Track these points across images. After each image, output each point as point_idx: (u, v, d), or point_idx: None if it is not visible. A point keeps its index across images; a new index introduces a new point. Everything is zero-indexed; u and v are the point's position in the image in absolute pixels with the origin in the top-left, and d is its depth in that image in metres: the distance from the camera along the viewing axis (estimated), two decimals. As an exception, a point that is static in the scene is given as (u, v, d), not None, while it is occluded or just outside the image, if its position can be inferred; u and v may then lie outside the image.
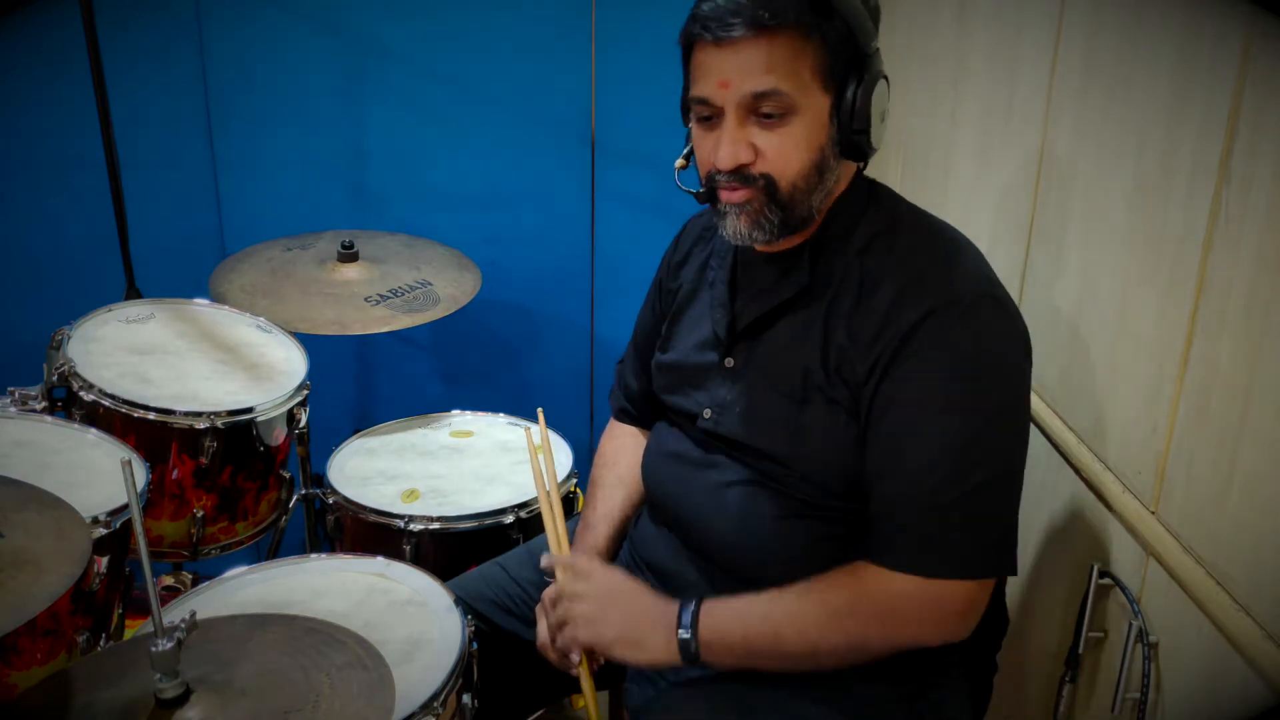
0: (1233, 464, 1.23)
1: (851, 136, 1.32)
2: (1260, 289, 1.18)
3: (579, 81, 2.62)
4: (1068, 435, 1.59)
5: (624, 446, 1.69)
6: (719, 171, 1.33)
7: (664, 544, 1.52)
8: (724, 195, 1.34)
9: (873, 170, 1.43)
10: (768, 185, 1.32)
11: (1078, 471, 1.56)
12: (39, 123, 2.48)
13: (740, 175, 1.32)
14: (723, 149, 1.31)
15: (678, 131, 1.43)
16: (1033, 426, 1.68)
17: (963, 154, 1.98)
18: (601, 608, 1.41)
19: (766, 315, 1.41)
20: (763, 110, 1.29)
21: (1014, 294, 1.74)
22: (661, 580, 1.50)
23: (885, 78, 1.33)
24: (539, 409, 1.75)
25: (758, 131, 1.31)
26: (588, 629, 1.41)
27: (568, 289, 2.80)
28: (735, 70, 1.28)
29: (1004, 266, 1.77)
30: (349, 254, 2.27)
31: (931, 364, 1.29)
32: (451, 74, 2.59)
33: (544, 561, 1.51)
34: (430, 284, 2.26)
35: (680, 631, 1.35)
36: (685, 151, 1.43)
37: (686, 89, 1.36)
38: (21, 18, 2.38)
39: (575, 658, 1.43)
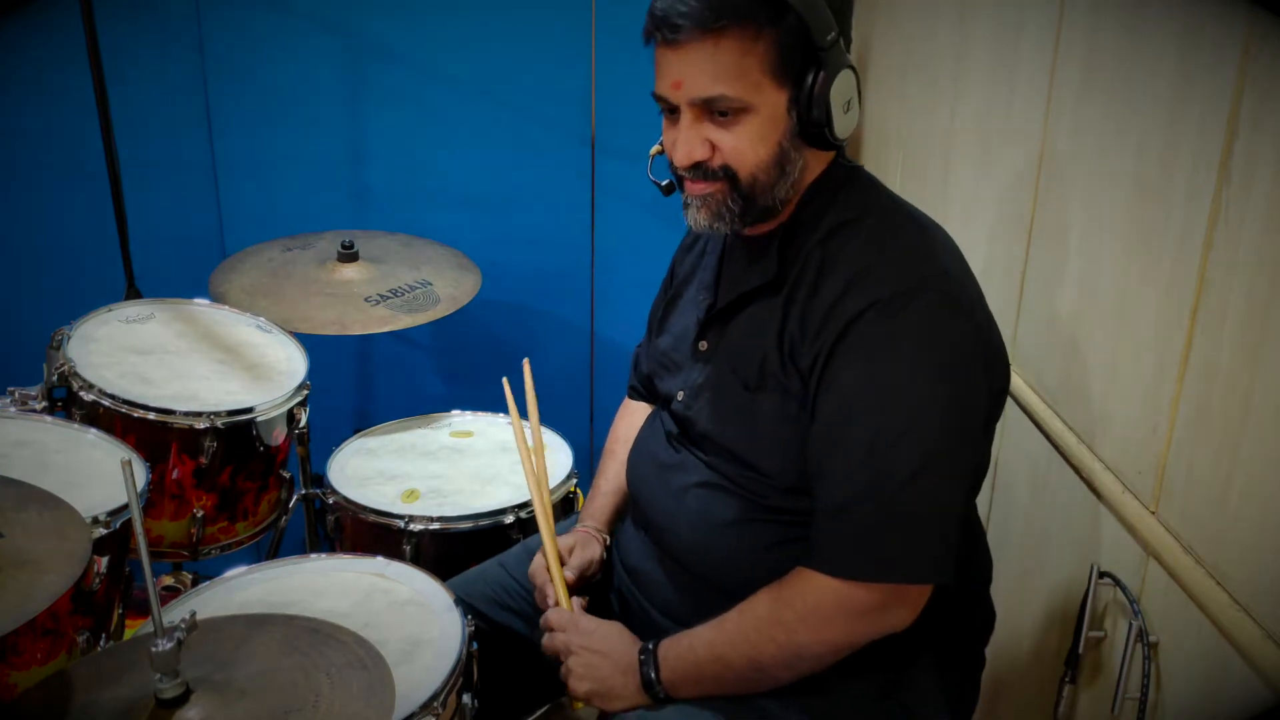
0: (1233, 464, 1.23)
1: (811, 128, 1.31)
2: (1260, 289, 1.18)
3: (579, 81, 2.62)
4: (1068, 435, 1.59)
5: (637, 423, 1.68)
6: (679, 166, 1.35)
7: (639, 546, 1.53)
8: (688, 187, 1.36)
9: (873, 169, 1.43)
10: (729, 176, 1.33)
11: (1077, 471, 1.56)
12: (39, 123, 2.48)
13: (700, 170, 1.33)
14: (679, 148, 1.33)
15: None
16: (1033, 426, 1.69)
17: (963, 154, 1.98)
18: (582, 662, 1.42)
19: (736, 300, 1.42)
20: (716, 109, 1.30)
21: (1014, 294, 1.74)
22: (636, 582, 1.52)
23: (850, 67, 1.31)
24: (524, 359, 1.73)
25: (713, 128, 1.32)
26: (576, 683, 1.42)
27: (568, 289, 2.80)
28: (684, 72, 1.29)
29: (1004, 266, 1.77)
30: (349, 254, 2.27)
31: (865, 358, 1.28)
32: (451, 74, 2.59)
33: (541, 603, 1.51)
34: (430, 284, 2.26)
35: (643, 674, 1.37)
36: (660, 140, 1.43)
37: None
38: (21, 18, 2.38)
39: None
